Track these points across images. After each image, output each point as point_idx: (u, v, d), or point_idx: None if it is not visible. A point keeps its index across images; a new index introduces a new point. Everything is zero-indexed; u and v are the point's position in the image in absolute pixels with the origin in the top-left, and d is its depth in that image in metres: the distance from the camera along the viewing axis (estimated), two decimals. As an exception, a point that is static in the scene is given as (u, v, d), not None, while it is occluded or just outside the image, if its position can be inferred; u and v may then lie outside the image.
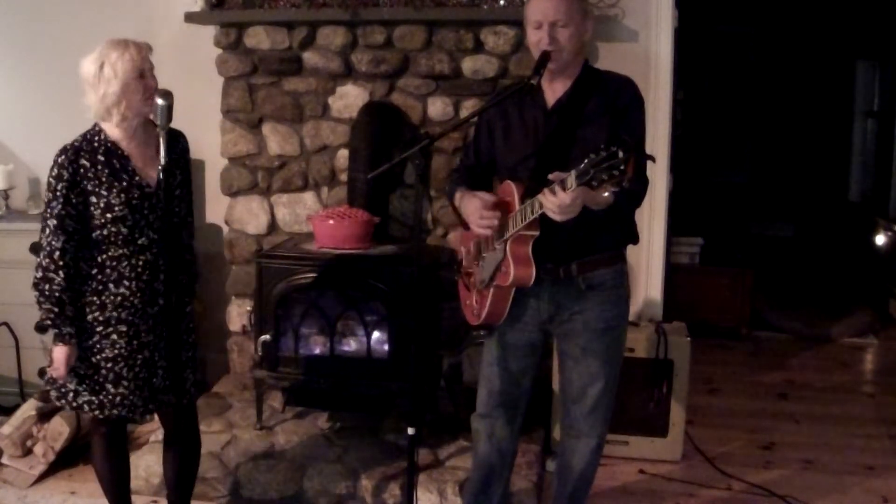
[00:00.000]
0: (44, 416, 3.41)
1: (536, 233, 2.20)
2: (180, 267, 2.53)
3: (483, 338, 2.51)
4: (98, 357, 2.45)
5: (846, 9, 7.13)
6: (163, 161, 2.26)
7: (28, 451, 3.38)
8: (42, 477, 3.33)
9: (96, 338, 2.45)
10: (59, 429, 3.35)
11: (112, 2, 3.93)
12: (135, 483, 2.96)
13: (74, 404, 2.50)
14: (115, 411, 2.47)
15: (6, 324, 3.84)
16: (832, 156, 7.62)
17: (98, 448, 2.64)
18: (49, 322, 2.40)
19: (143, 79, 2.37)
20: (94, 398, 2.47)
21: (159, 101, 2.26)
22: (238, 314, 3.87)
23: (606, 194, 1.95)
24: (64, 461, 3.40)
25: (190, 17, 3.62)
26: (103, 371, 2.45)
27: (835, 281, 6.40)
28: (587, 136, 2.25)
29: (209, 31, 3.71)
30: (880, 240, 6.08)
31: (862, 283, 6.20)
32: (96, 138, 2.42)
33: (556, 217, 2.03)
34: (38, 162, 4.17)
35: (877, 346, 5.20)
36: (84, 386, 2.46)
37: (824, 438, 3.76)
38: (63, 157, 2.37)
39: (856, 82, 7.38)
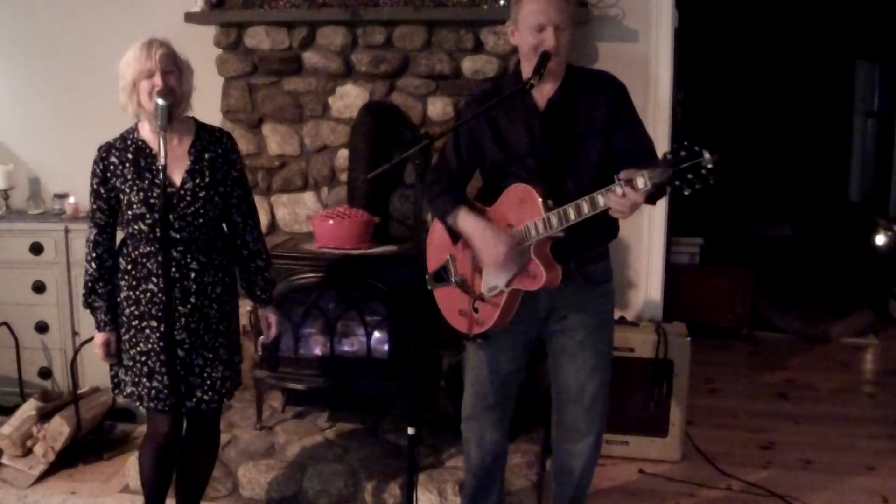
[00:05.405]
0: (44, 416, 3.41)
1: (562, 234, 2.20)
2: (219, 268, 2.57)
3: (480, 345, 2.45)
4: (134, 350, 2.51)
5: (846, 9, 7.14)
6: (162, 161, 2.24)
7: (28, 451, 3.38)
8: (42, 477, 3.33)
9: (133, 332, 2.51)
10: (59, 429, 3.36)
11: (112, 2, 3.93)
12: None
13: (125, 393, 2.58)
14: (150, 404, 2.52)
15: (6, 324, 3.84)
16: (832, 156, 7.62)
17: (144, 455, 2.63)
18: (88, 308, 2.56)
19: (149, 79, 2.37)
20: (134, 389, 2.54)
21: (159, 101, 2.25)
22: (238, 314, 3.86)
23: (687, 191, 1.89)
24: (64, 461, 3.40)
25: (190, 17, 3.62)
26: (138, 364, 2.51)
27: (835, 281, 6.41)
28: (586, 133, 2.30)
29: (209, 31, 3.71)
30: (880, 240, 6.08)
31: (862, 283, 6.20)
32: (130, 136, 2.49)
33: (619, 216, 2.08)
34: (38, 162, 4.17)
35: (877, 346, 5.20)
36: (128, 377, 2.54)
37: (824, 438, 3.76)
38: (98, 153, 2.49)
39: (856, 82, 7.38)
